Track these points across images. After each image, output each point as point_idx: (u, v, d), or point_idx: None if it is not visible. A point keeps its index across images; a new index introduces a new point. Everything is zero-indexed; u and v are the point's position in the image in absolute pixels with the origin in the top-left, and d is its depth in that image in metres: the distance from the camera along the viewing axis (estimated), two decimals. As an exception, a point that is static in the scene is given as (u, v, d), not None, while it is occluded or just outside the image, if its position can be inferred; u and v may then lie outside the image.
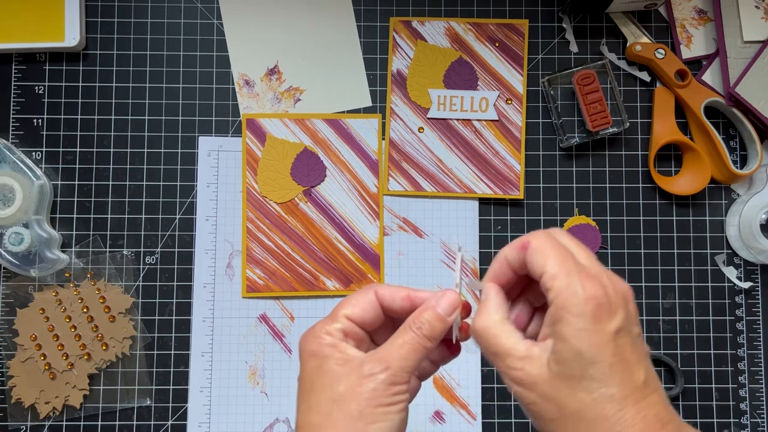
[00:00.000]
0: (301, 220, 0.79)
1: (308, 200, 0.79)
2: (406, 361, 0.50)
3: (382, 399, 0.48)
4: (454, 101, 0.79)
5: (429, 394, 0.77)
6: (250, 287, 0.78)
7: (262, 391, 0.77)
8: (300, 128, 0.79)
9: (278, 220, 0.78)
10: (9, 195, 0.75)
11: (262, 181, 0.79)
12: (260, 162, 0.79)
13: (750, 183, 0.81)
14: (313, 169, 0.79)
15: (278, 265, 0.78)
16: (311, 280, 0.78)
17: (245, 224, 0.78)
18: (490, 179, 0.79)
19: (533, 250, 0.48)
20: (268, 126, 0.79)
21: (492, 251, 0.79)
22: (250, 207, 0.78)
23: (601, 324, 0.45)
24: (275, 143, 0.79)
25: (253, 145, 0.79)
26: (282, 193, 0.79)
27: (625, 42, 0.81)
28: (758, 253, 0.77)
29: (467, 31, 0.80)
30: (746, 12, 0.79)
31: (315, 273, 0.78)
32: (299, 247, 0.78)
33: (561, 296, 0.45)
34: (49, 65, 0.79)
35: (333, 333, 0.51)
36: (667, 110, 0.80)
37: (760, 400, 0.79)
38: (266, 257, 0.78)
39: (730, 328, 0.79)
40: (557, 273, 0.46)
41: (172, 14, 0.80)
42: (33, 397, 0.75)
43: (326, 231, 0.79)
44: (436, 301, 0.51)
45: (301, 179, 0.79)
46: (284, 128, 0.79)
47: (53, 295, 0.76)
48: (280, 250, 0.78)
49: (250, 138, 0.79)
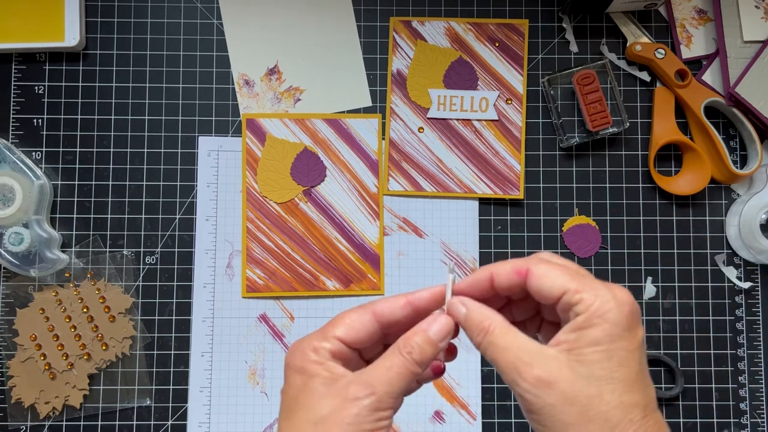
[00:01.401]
0: (301, 220, 0.79)
1: (308, 200, 0.79)
2: (393, 386, 0.48)
3: (365, 425, 0.47)
4: (454, 101, 0.79)
5: (429, 394, 0.77)
6: (250, 287, 0.78)
7: (262, 391, 0.77)
8: (300, 128, 0.79)
9: (278, 220, 0.78)
10: (9, 195, 0.75)
11: (262, 181, 0.79)
12: (260, 162, 0.79)
13: (750, 183, 0.81)
14: (313, 169, 0.79)
15: (278, 265, 0.78)
16: (311, 280, 0.78)
17: (245, 224, 0.78)
18: (490, 179, 0.79)
19: (539, 276, 0.47)
20: (268, 126, 0.79)
21: (492, 251, 0.79)
22: (250, 207, 0.78)
23: (632, 331, 0.45)
24: (275, 143, 0.79)
25: (253, 145, 0.79)
26: (282, 193, 0.79)
27: (625, 42, 0.81)
28: (758, 253, 0.77)
29: (467, 31, 0.80)
30: (746, 12, 0.79)
31: (315, 273, 0.78)
32: (299, 247, 0.78)
33: (594, 305, 0.45)
34: (49, 65, 0.79)
35: (320, 352, 0.50)
36: (667, 110, 0.80)
37: (760, 400, 0.79)
38: (266, 257, 0.78)
39: (730, 328, 0.79)
40: (580, 287, 0.45)
41: (172, 14, 0.80)
42: (33, 397, 0.75)
43: (326, 231, 0.79)
44: (427, 324, 0.50)
45: (301, 179, 0.79)
46: (284, 128, 0.79)
47: (53, 295, 0.76)
48: (280, 250, 0.78)
49: (250, 138, 0.79)
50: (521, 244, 0.79)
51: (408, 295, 0.52)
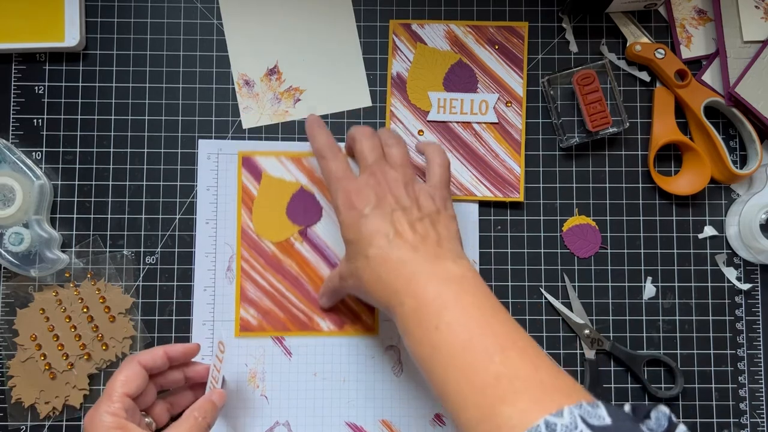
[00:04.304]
0: (296, 260, 0.78)
1: (304, 240, 0.78)
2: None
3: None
4: (454, 104, 0.79)
5: (429, 396, 0.77)
6: (244, 327, 0.77)
7: (262, 394, 0.77)
8: (296, 166, 0.79)
9: (273, 259, 0.78)
10: (9, 195, 0.75)
11: (258, 220, 0.78)
12: (256, 201, 0.78)
13: (750, 183, 0.81)
14: (309, 209, 0.78)
15: (272, 305, 0.77)
16: (305, 321, 0.77)
17: (239, 263, 0.77)
18: (490, 182, 0.79)
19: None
20: (264, 164, 0.78)
21: (492, 251, 0.79)
22: (245, 246, 0.77)
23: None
24: (271, 182, 0.78)
25: (249, 183, 0.78)
26: (277, 233, 0.78)
27: (625, 42, 0.81)
28: (758, 253, 0.77)
29: (467, 33, 0.80)
30: (746, 12, 0.79)
31: (309, 314, 0.77)
32: (294, 287, 0.78)
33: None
34: (49, 65, 0.79)
35: (118, 413, 0.63)
36: (667, 110, 0.80)
37: (760, 400, 0.79)
38: (260, 297, 0.77)
39: (730, 328, 0.79)
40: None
41: (172, 14, 0.80)
42: (33, 397, 0.75)
43: (321, 271, 0.78)
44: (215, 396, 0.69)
45: (297, 218, 0.78)
46: (280, 166, 0.79)
47: (53, 295, 0.76)
48: (275, 289, 0.77)
49: (246, 176, 0.78)
50: (521, 244, 0.79)
51: (166, 347, 0.70)
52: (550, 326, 0.79)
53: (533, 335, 0.78)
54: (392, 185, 0.66)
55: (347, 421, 0.76)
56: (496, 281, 0.79)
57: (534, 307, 0.79)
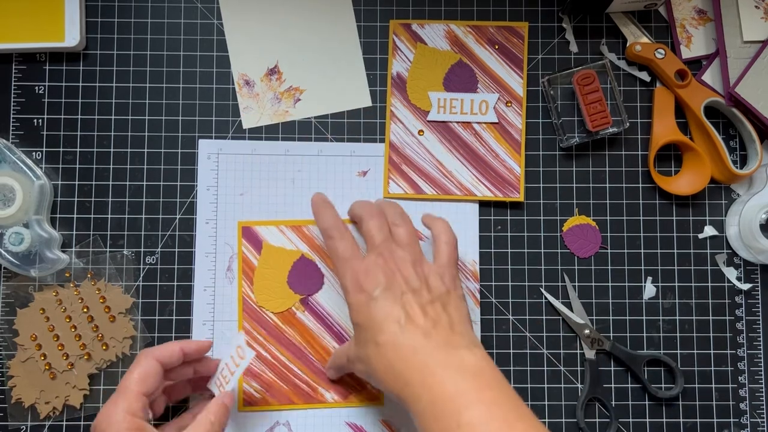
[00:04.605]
0: (298, 330, 0.77)
1: (305, 309, 0.77)
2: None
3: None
4: (454, 104, 0.79)
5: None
6: (247, 401, 0.76)
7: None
8: (296, 235, 0.78)
9: (275, 330, 0.77)
10: (9, 195, 0.75)
11: (259, 291, 0.77)
12: (256, 271, 0.77)
13: (750, 183, 0.81)
14: (311, 277, 0.78)
15: (275, 377, 0.76)
16: (309, 392, 0.76)
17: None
18: (490, 182, 0.79)
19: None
20: (264, 233, 0.78)
21: (492, 251, 0.79)
22: (246, 317, 0.77)
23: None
24: (272, 251, 0.78)
25: (249, 253, 0.77)
26: (279, 303, 0.77)
27: (625, 42, 0.81)
28: (758, 253, 0.77)
29: (467, 33, 0.80)
30: (746, 12, 0.79)
31: (313, 385, 0.76)
32: (297, 358, 0.76)
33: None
34: (49, 65, 0.79)
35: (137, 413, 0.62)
36: (667, 110, 0.80)
37: (760, 400, 0.79)
38: (263, 370, 0.76)
39: (730, 328, 0.79)
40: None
41: (172, 14, 0.80)
42: (33, 397, 0.75)
43: (324, 341, 0.77)
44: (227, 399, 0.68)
45: (298, 288, 0.77)
46: (280, 235, 0.78)
47: (53, 295, 0.76)
48: (277, 361, 0.76)
49: (246, 246, 0.78)
50: (521, 244, 0.79)
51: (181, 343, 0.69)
52: (550, 326, 0.79)
53: (533, 335, 0.78)
54: (401, 265, 0.66)
55: (347, 421, 0.76)
56: (496, 281, 0.79)
57: (534, 307, 0.79)
